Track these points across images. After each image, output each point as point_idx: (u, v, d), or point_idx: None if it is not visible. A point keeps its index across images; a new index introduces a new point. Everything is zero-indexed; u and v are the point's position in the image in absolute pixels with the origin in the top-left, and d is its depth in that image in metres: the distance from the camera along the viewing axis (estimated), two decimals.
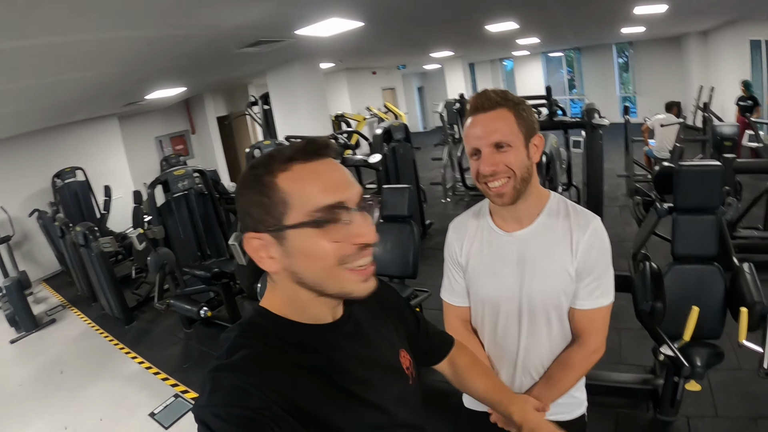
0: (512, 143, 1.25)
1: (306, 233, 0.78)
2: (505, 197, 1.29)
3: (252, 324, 0.86)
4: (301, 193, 0.78)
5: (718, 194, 2.51)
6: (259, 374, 0.75)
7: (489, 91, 1.28)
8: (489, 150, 1.25)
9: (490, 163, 1.25)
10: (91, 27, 3.07)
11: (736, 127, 5.30)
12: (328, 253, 0.79)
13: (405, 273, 3.63)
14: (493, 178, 1.26)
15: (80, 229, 5.07)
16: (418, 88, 20.14)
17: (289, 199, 0.78)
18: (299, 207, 0.78)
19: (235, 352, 0.78)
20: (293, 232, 0.79)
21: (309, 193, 0.78)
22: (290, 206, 0.78)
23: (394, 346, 1.04)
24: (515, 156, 1.25)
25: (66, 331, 5.59)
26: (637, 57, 14.48)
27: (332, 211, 0.79)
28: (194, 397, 3.73)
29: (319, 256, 0.79)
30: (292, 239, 0.79)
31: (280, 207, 0.79)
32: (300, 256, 0.80)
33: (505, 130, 1.25)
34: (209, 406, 0.71)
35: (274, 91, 8.53)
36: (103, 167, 8.74)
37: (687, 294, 2.44)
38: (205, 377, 0.76)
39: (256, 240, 0.82)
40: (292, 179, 0.79)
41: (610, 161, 8.45)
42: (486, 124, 1.26)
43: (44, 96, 5.03)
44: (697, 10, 7.64)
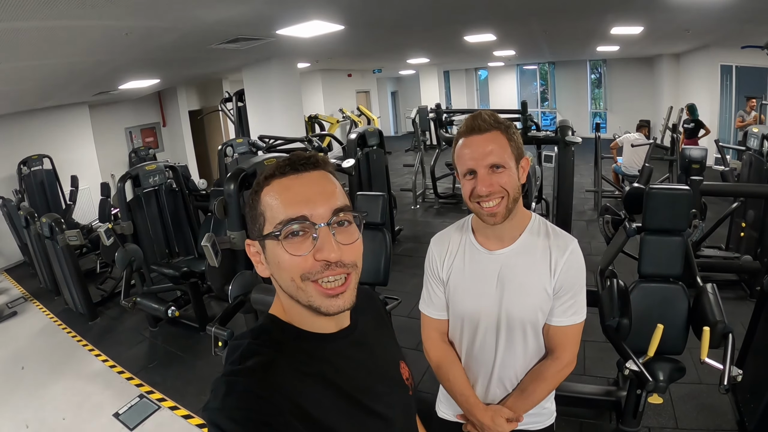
0: (506, 165, 1.31)
1: (273, 244, 0.83)
2: (497, 216, 1.33)
3: (264, 331, 0.88)
4: (271, 206, 0.84)
5: (685, 217, 2.61)
6: (272, 381, 0.78)
7: (483, 113, 1.34)
8: (485, 171, 1.31)
9: (487, 183, 1.30)
10: (69, 14, 3.01)
11: (704, 150, 5.47)
12: (291, 266, 0.82)
13: (376, 280, 3.63)
14: (488, 198, 1.31)
15: (46, 220, 4.92)
16: (392, 92, 20.26)
17: (266, 212, 0.84)
18: (270, 219, 0.84)
19: (248, 358, 0.81)
20: (267, 242, 0.85)
21: (275, 206, 0.83)
22: (266, 218, 0.84)
23: (395, 357, 1.07)
24: (509, 177, 1.31)
25: (28, 324, 5.42)
26: (610, 74, 14.84)
27: (293, 225, 0.81)
28: (160, 398, 3.66)
29: (283, 267, 0.83)
30: (268, 249, 0.85)
31: (260, 218, 0.86)
32: (273, 265, 0.86)
33: (500, 153, 1.30)
34: (223, 409, 0.73)
35: (249, 88, 8.44)
36: (70, 156, 8.50)
37: (652, 311, 2.51)
38: (217, 381, 0.78)
39: (251, 246, 0.89)
40: (268, 193, 0.85)
41: (578, 175, 8.60)
42: (481, 145, 1.31)
43: (15, 80, 4.88)
44: (671, 34, 7.90)
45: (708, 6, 5.06)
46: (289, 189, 0.84)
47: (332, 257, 0.82)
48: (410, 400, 1.06)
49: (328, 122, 13.52)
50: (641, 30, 6.95)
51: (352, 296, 0.87)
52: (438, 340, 1.57)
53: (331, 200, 0.84)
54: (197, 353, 4.31)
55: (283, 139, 7.21)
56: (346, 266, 0.84)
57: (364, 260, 3.14)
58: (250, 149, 6.73)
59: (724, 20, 6.10)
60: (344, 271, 0.84)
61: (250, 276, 3.42)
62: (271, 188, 0.85)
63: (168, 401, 3.62)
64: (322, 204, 0.83)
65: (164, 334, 4.79)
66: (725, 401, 2.95)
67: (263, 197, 0.85)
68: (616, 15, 5.80)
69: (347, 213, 0.86)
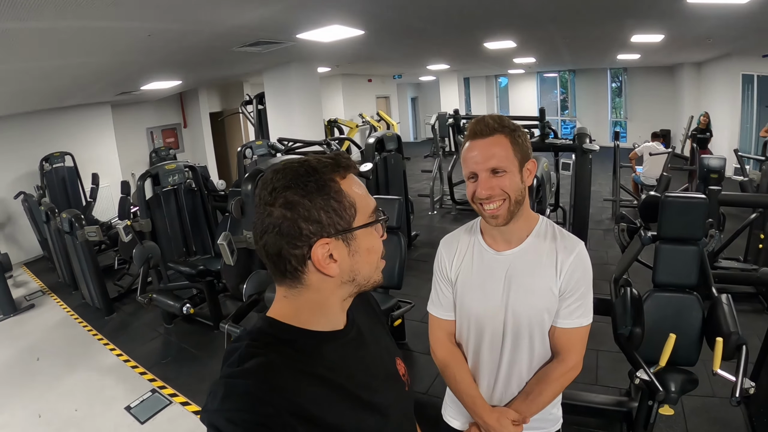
0: (508, 169, 1.32)
1: (369, 232, 0.90)
2: (499, 218, 1.35)
3: (261, 333, 0.88)
4: (361, 197, 0.90)
5: (701, 226, 2.58)
6: (271, 382, 0.78)
7: (487, 117, 1.36)
8: (486, 175, 1.33)
9: (487, 187, 1.32)
10: (93, 15, 3.08)
11: (723, 159, 5.40)
12: (380, 247, 0.94)
13: (390, 283, 3.65)
14: (488, 201, 1.33)
15: (66, 215, 5.03)
16: (412, 98, 20.25)
17: (356, 202, 0.88)
18: (363, 209, 0.89)
19: (247, 359, 0.80)
20: (361, 231, 0.89)
21: (365, 198, 0.91)
22: (357, 209, 0.88)
23: (391, 353, 1.09)
24: (510, 181, 1.32)
25: (45, 317, 5.52)
26: (630, 82, 14.69)
27: (378, 212, 0.93)
28: (172, 393, 3.71)
29: (376, 249, 0.93)
30: (360, 238, 0.89)
31: (350, 209, 0.87)
32: (363, 253, 0.90)
33: (502, 156, 1.32)
34: (222, 410, 0.73)
35: (269, 91, 8.53)
36: (92, 154, 8.67)
37: (665, 321, 2.49)
38: (216, 383, 0.78)
39: (324, 246, 0.85)
40: (352, 186, 0.89)
41: (597, 184, 8.57)
42: (484, 149, 1.33)
43: (42, 78, 5.00)
44: (692, 43, 7.81)
45: (729, 14, 5.00)
46: (362, 185, 0.92)
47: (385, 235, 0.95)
48: (407, 396, 1.07)
49: (348, 126, 13.57)
50: (662, 38, 6.88)
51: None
52: (445, 340, 1.58)
53: None
54: (211, 351, 4.36)
55: (302, 142, 7.27)
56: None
57: None
58: (269, 151, 6.80)
59: (745, 29, 6.02)
60: None
61: (265, 275, 3.46)
62: (351, 181, 0.90)
63: (180, 397, 3.67)
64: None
65: (179, 331, 4.84)
66: (738, 415, 2.90)
67: (347, 189, 0.87)
68: (637, 22, 5.75)
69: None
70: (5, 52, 3.55)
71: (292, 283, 0.89)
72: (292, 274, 0.87)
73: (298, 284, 0.88)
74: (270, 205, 0.84)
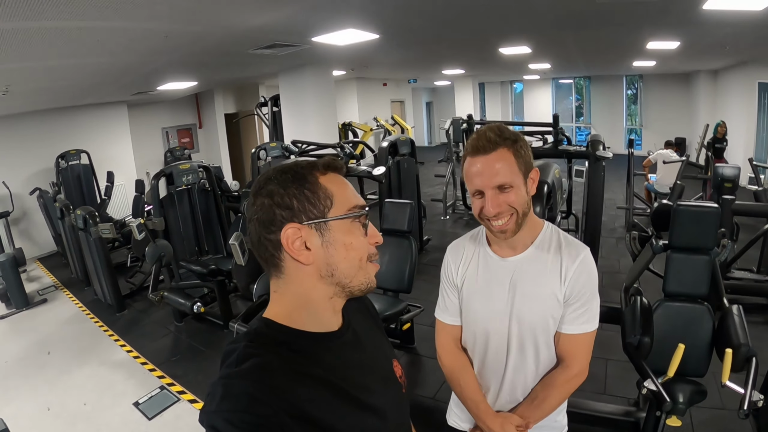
0: (514, 183, 1.32)
1: (346, 225, 0.90)
2: (507, 233, 1.36)
3: (258, 334, 0.88)
4: (340, 192, 0.91)
5: (713, 235, 2.55)
6: (269, 382, 0.78)
7: (487, 131, 1.34)
8: (492, 192, 1.32)
9: (495, 204, 1.32)
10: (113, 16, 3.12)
11: (737, 168, 5.33)
12: (361, 246, 0.92)
13: (400, 287, 3.66)
14: (496, 218, 1.33)
15: (81, 212, 5.10)
16: (427, 102, 20.26)
17: (333, 196, 0.90)
18: (341, 203, 0.90)
19: (244, 360, 0.81)
20: (336, 223, 0.89)
21: (346, 193, 0.92)
22: (334, 202, 0.89)
23: (388, 355, 1.10)
24: (516, 195, 1.32)
25: (57, 312, 5.60)
26: (646, 90, 14.58)
27: (361, 211, 0.92)
28: (180, 391, 3.74)
29: (357, 247, 0.91)
30: (335, 230, 0.89)
31: (325, 201, 0.89)
32: (339, 246, 0.90)
33: (507, 172, 1.31)
34: (220, 411, 0.74)
35: (284, 94, 8.58)
36: (107, 153, 8.79)
37: (675, 331, 2.46)
38: (214, 384, 0.78)
39: (293, 230, 0.87)
40: (332, 182, 0.91)
41: (611, 192, 8.51)
42: (488, 166, 1.32)
43: (59, 77, 5.08)
44: (708, 50, 7.72)
45: (745, 22, 4.94)
46: (348, 184, 0.94)
47: (380, 239, 0.97)
48: (404, 398, 1.07)
49: (362, 130, 13.59)
50: (678, 45, 6.81)
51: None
52: (451, 345, 1.58)
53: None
54: (220, 349, 4.30)
55: (316, 145, 7.31)
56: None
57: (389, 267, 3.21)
58: (283, 153, 6.85)
59: (761, 37, 5.95)
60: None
61: None
62: (331, 178, 0.91)
63: (188, 394, 3.69)
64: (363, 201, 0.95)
65: (189, 329, 4.88)
66: (747, 428, 2.84)
67: (324, 183, 0.90)
68: (652, 29, 5.70)
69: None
70: (23, 51, 3.61)
71: (276, 273, 0.92)
72: (272, 262, 0.91)
73: (281, 274, 0.91)
74: (254, 195, 0.90)
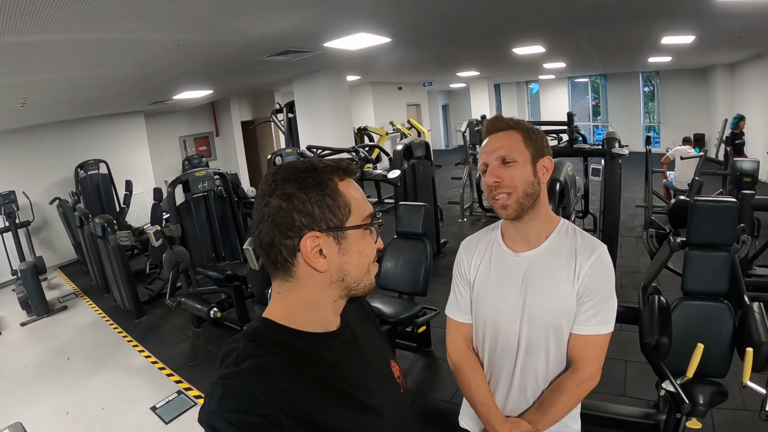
0: (517, 159, 1.33)
1: (361, 235, 0.91)
2: (509, 209, 1.35)
3: (258, 334, 0.88)
4: (357, 200, 0.91)
5: (731, 231, 2.48)
6: (268, 382, 0.78)
7: (502, 116, 1.39)
8: (495, 164, 1.35)
9: (494, 174, 1.34)
10: (126, 27, 3.17)
11: (756, 162, 5.22)
12: (372, 252, 0.94)
13: (415, 290, 3.64)
14: (498, 190, 1.34)
15: (99, 220, 5.18)
16: (443, 105, 20.23)
17: (351, 204, 0.89)
18: (358, 212, 0.90)
19: (244, 360, 0.81)
20: (353, 232, 0.89)
21: (362, 201, 0.92)
22: (352, 210, 0.89)
23: (385, 355, 1.10)
24: (518, 171, 1.33)
25: (76, 319, 5.69)
26: (663, 86, 14.38)
27: (376, 220, 0.94)
28: (197, 395, 3.76)
29: (367, 253, 0.92)
30: (351, 239, 0.90)
31: (344, 209, 0.88)
32: (354, 253, 0.90)
33: (511, 147, 1.34)
34: (220, 411, 0.74)
35: (299, 100, 8.63)
36: (126, 162, 8.93)
37: (694, 330, 2.40)
38: (214, 384, 0.79)
39: (314, 239, 0.86)
40: (349, 189, 0.91)
41: (629, 191, 8.40)
42: (495, 141, 1.37)
43: (76, 88, 5.17)
44: (724, 43, 7.60)
45: (761, 12, 4.85)
46: (361, 191, 0.94)
47: (382, 245, 0.97)
48: (402, 398, 1.06)
49: (378, 134, 13.61)
50: (693, 39, 6.71)
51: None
52: (462, 345, 1.56)
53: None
54: None
55: (330, 149, 7.33)
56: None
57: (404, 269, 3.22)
58: (299, 159, 6.85)
59: None
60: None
61: None
62: (349, 185, 0.91)
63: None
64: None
65: (206, 335, 4.91)
66: None
67: (344, 190, 0.89)
68: (666, 23, 5.62)
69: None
70: (39, 64, 3.68)
71: (284, 276, 0.90)
72: (283, 266, 0.89)
73: (289, 278, 0.90)
74: (268, 195, 0.87)
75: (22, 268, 5.62)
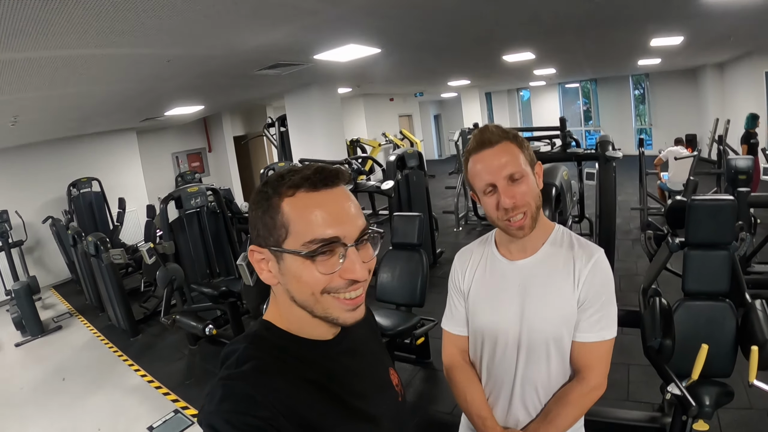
0: (524, 173, 1.28)
1: (299, 261, 0.81)
2: (525, 228, 1.30)
3: (258, 337, 0.88)
4: (300, 221, 0.80)
5: (730, 229, 2.47)
6: (268, 385, 0.78)
7: (488, 127, 1.32)
8: (505, 183, 1.27)
9: (510, 195, 1.26)
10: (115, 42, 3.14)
11: (750, 159, 5.23)
12: (317, 281, 0.81)
13: (412, 301, 3.61)
14: (515, 211, 1.27)
15: (92, 239, 5.13)
16: (435, 115, 20.33)
17: (290, 225, 0.81)
18: (297, 234, 0.80)
19: (244, 362, 0.81)
20: (289, 256, 0.82)
21: (308, 223, 0.80)
22: (289, 232, 0.81)
23: (384, 363, 1.09)
24: (528, 186, 1.28)
25: (71, 338, 5.64)
26: (653, 89, 14.52)
27: (328, 245, 0.80)
28: (194, 414, 3.69)
29: (308, 282, 0.82)
30: (287, 261, 0.82)
31: (281, 230, 0.82)
32: (291, 278, 0.83)
33: (515, 162, 1.27)
34: (220, 412, 0.74)
35: (291, 114, 8.62)
36: (119, 180, 8.90)
37: (697, 331, 2.37)
38: (214, 385, 0.78)
39: (258, 253, 0.86)
40: (296, 206, 0.81)
41: (624, 194, 8.41)
42: (496, 158, 1.28)
43: (65, 106, 5.15)
44: (712, 42, 7.65)
45: (748, 10, 4.87)
46: (321, 206, 0.81)
47: (359, 276, 0.83)
48: (400, 406, 1.06)
49: (370, 146, 13.64)
50: (682, 40, 6.74)
51: (364, 307, 0.89)
52: (458, 357, 1.51)
53: (359, 220, 0.85)
54: None
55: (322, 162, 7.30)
56: (364, 281, 0.85)
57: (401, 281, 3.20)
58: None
59: (766, 25, 5.86)
60: (362, 285, 0.86)
61: None
62: (297, 201, 0.81)
63: None
64: (351, 224, 0.83)
65: (203, 353, 4.85)
66: None
67: (284, 207, 0.81)
68: (655, 25, 5.65)
69: (370, 231, 0.87)
70: (29, 80, 3.66)
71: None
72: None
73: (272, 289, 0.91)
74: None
75: (16, 288, 5.59)
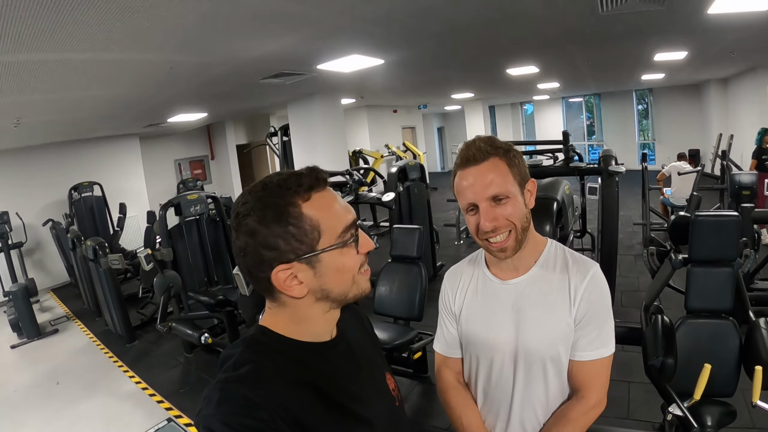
0: (510, 194, 1.22)
1: (336, 253, 0.88)
2: (507, 251, 1.25)
3: (255, 341, 0.90)
4: (329, 217, 0.87)
5: (734, 246, 2.44)
6: (266, 387, 0.80)
7: (477, 141, 1.25)
8: (487, 204, 1.21)
9: (490, 218, 1.21)
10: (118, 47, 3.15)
11: (754, 175, 5.20)
12: (354, 264, 0.91)
13: (410, 315, 3.57)
14: (494, 233, 1.22)
15: (91, 243, 5.11)
16: (438, 128, 20.38)
17: (321, 225, 0.86)
18: (330, 230, 0.87)
19: (242, 365, 0.82)
20: (326, 254, 0.87)
21: (335, 216, 0.88)
22: (322, 231, 0.86)
23: (381, 368, 1.10)
24: (513, 207, 1.22)
25: (68, 342, 5.62)
26: (656, 104, 14.55)
27: (351, 229, 0.90)
28: (187, 423, 3.65)
29: (348, 268, 0.90)
30: (325, 260, 0.87)
31: (313, 233, 0.86)
32: (332, 273, 0.88)
33: (501, 182, 1.21)
34: (218, 414, 0.75)
35: (293, 123, 8.63)
36: (120, 185, 8.92)
37: (700, 349, 2.33)
38: (212, 387, 0.80)
39: (283, 271, 0.86)
40: (317, 207, 0.87)
41: (627, 209, 8.38)
42: (480, 176, 1.22)
43: (69, 110, 5.17)
44: (716, 58, 7.65)
45: (751, 25, 4.85)
46: (333, 200, 0.90)
47: (372, 247, 0.94)
48: (397, 411, 1.06)
49: (372, 157, 13.64)
50: (686, 54, 6.75)
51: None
52: (452, 380, 1.46)
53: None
54: None
55: None
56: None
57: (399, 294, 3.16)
58: None
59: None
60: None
61: None
62: (315, 202, 0.87)
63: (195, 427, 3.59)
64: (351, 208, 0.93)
65: (198, 361, 4.81)
66: None
67: (307, 212, 0.85)
68: (658, 39, 5.64)
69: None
70: (33, 84, 3.68)
71: (271, 299, 0.92)
72: (267, 292, 0.91)
73: (275, 300, 0.91)
74: (236, 231, 0.87)
75: (13, 289, 5.58)
